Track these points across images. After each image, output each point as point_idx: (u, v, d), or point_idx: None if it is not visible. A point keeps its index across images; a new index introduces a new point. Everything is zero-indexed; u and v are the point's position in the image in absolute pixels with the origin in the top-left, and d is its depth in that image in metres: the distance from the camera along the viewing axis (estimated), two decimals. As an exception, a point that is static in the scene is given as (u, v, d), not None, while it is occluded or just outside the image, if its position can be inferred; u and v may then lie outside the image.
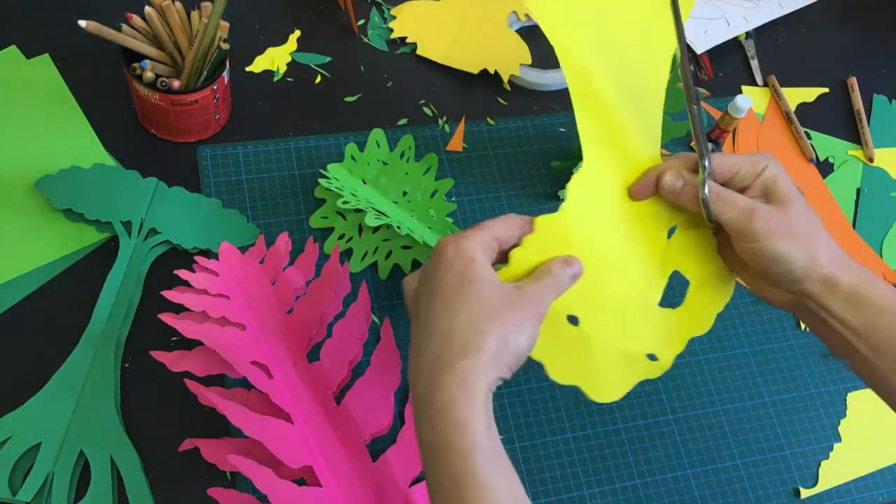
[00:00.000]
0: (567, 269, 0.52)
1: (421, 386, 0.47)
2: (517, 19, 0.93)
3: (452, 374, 0.46)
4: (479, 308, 0.47)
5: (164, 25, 0.73)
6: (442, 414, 0.45)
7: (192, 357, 0.64)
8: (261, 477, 0.57)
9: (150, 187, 0.73)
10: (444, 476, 0.45)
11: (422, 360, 0.48)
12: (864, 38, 1.02)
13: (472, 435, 0.44)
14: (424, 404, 0.47)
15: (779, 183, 0.54)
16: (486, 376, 0.46)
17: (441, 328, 0.48)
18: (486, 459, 0.44)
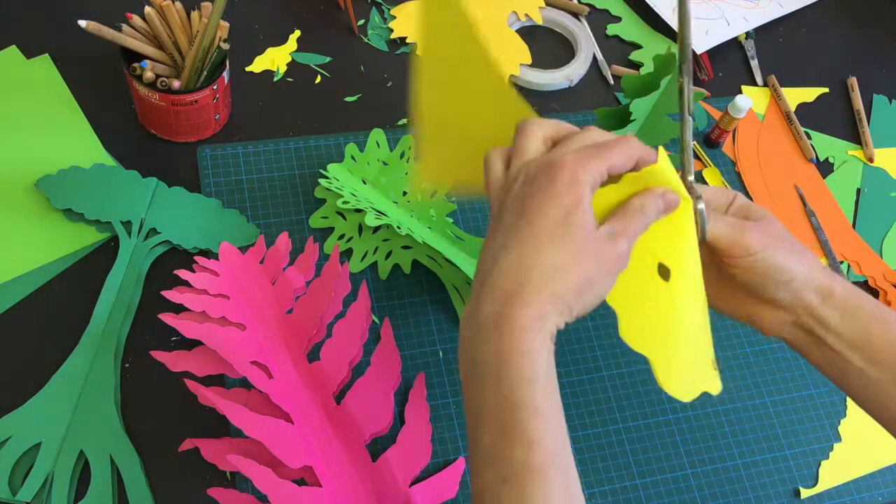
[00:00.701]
0: (661, 203, 0.49)
1: (491, 306, 0.45)
2: (517, 19, 0.93)
3: (529, 308, 0.44)
4: (571, 257, 0.45)
5: (164, 25, 0.73)
6: (512, 339, 0.44)
7: (192, 357, 0.64)
8: (261, 477, 0.57)
9: (149, 187, 0.73)
10: (499, 397, 0.43)
11: (498, 280, 0.45)
12: (864, 38, 1.02)
13: (539, 366, 0.44)
14: (492, 324, 0.44)
15: (752, 208, 0.53)
16: (557, 321, 0.45)
17: (526, 260, 0.45)
18: (546, 391, 0.43)
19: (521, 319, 0.44)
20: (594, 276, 0.46)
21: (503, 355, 0.44)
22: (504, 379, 0.43)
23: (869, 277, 0.82)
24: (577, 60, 0.91)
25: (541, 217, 0.45)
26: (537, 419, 0.43)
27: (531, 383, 0.43)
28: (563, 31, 0.94)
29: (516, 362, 0.43)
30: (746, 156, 0.88)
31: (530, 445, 0.42)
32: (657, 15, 0.95)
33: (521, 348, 0.43)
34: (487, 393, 0.44)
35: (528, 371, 0.43)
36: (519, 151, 0.49)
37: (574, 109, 0.87)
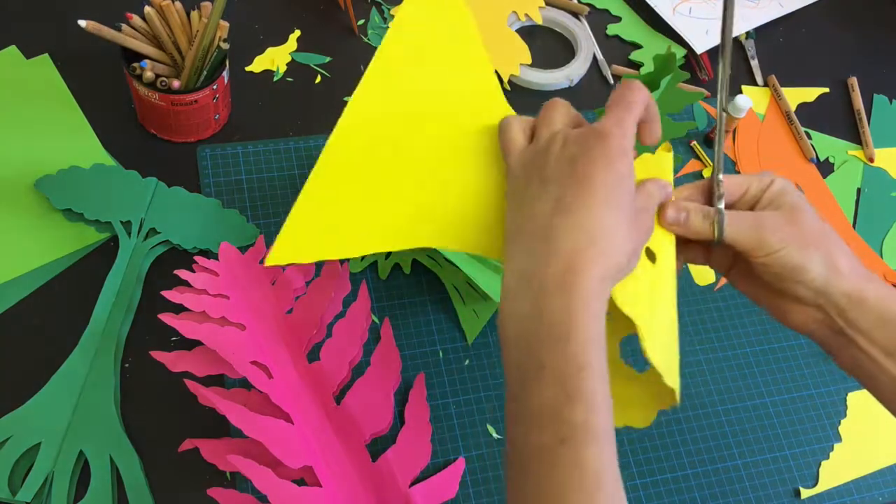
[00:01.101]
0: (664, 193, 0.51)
1: (557, 264, 0.45)
2: (517, 19, 0.92)
3: (596, 269, 0.44)
4: (626, 224, 0.46)
5: (164, 25, 0.73)
6: (581, 299, 0.43)
7: (192, 357, 0.64)
8: (261, 477, 0.57)
9: (149, 187, 0.73)
10: (565, 357, 0.43)
11: (562, 241, 0.45)
12: (865, 38, 1.01)
13: (603, 329, 0.44)
14: (559, 282, 0.44)
15: (786, 195, 0.52)
16: (612, 285, 0.46)
17: (589, 221, 0.45)
18: (603, 354, 0.44)
19: (590, 281, 0.44)
20: (638, 245, 0.47)
21: (573, 315, 0.43)
22: (572, 339, 0.43)
23: (869, 277, 0.82)
24: (578, 60, 0.91)
25: (599, 181, 0.46)
26: (601, 383, 0.43)
27: (598, 346, 0.43)
28: (563, 31, 0.94)
29: (584, 324, 0.43)
30: (746, 156, 0.88)
31: (592, 408, 0.42)
32: (657, 15, 0.95)
33: (590, 310, 0.43)
34: (552, 352, 0.43)
35: (595, 333, 0.43)
36: (548, 121, 0.51)
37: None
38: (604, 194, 0.46)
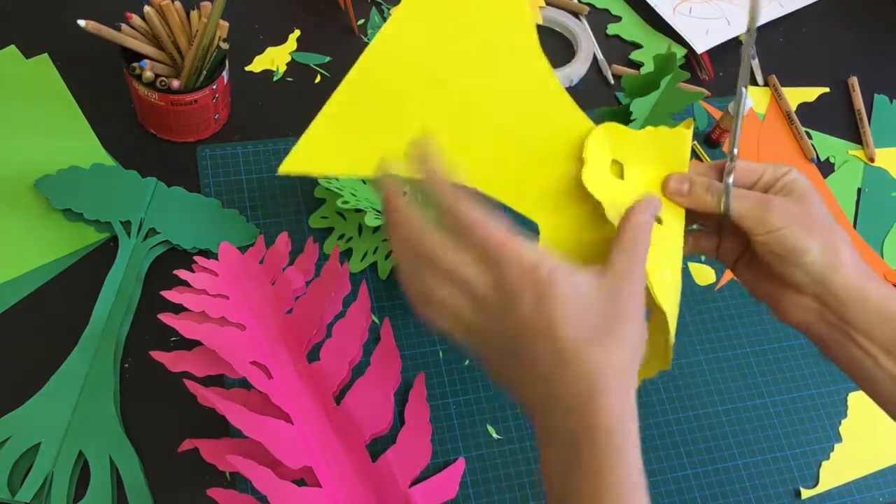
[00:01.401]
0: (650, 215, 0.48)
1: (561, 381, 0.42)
2: (517, 19, 0.92)
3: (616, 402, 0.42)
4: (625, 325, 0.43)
5: (164, 25, 0.73)
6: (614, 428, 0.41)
7: (192, 357, 0.64)
8: (260, 477, 0.57)
9: (149, 187, 0.73)
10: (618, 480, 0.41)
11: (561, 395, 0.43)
12: (865, 37, 1.01)
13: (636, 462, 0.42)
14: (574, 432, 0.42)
15: (799, 183, 0.52)
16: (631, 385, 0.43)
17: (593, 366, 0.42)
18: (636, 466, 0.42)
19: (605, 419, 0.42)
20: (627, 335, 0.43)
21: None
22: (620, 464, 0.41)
23: (869, 277, 0.82)
24: (578, 60, 0.90)
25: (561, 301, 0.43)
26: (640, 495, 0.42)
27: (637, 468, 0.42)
28: (563, 31, 0.94)
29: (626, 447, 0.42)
30: (747, 155, 0.88)
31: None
32: (657, 14, 0.95)
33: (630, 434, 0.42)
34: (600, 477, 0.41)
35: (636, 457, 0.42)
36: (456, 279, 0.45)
37: (574, 109, 0.87)
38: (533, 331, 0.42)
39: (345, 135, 0.52)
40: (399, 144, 0.48)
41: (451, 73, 0.52)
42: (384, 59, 0.51)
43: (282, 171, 0.50)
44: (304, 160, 0.51)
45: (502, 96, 0.53)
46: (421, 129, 0.51)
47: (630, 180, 0.54)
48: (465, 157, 0.51)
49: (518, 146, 0.53)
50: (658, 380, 0.72)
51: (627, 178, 0.54)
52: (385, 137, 0.51)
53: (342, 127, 0.52)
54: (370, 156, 0.49)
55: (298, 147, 0.51)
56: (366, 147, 0.51)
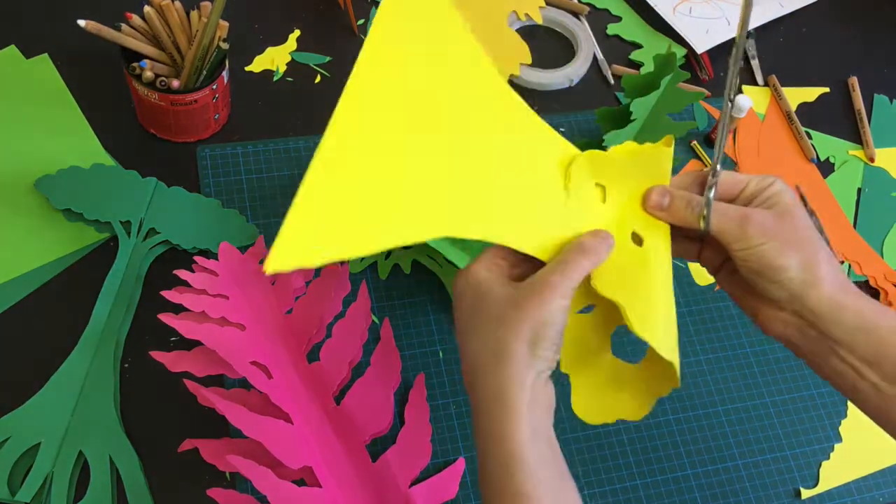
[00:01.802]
0: (599, 239, 0.51)
1: (475, 411, 0.49)
2: (517, 19, 0.92)
3: (485, 391, 0.47)
4: (490, 321, 0.48)
5: (164, 25, 0.73)
6: (482, 431, 0.47)
7: (192, 357, 0.64)
8: (260, 477, 0.57)
9: (149, 187, 0.73)
10: (488, 484, 0.46)
11: (471, 391, 0.49)
12: (865, 37, 1.01)
13: (511, 446, 0.45)
14: (473, 423, 0.48)
15: (783, 196, 0.52)
16: (520, 381, 0.46)
17: (469, 354, 0.49)
18: (526, 472, 0.45)
19: (486, 405, 0.47)
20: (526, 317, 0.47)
21: (482, 450, 0.48)
22: (487, 470, 0.47)
23: (870, 277, 0.82)
24: (578, 60, 0.90)
25: (463, 318, 0.50)
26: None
27: (505, 468, 0.46)
28: (563, 31, 0.94)
29: (492, 452, 0.47)
30: (747, 155, 0.88)
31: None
32: (658, 14, 0.95)
33: (493, 436, 0.47)
34: (483, 484, 0.47)
35: (503, 456, 0.46)
36: None
37: (574, 109, 0.87)
38: (468, 322, 0.49)
39: (330, 214, 0.45)
40: (394, 208, 0.46)
41: (427, 122, 0.48)
42: (356, 122, 0.46)
43: (268, 271, 0.43)
44: (293, 253, 0.44)
45: (485, 134, 0.51)
46: (412, 184, 0.47)
47: (611, 202, 0.54)
48: (466, 202, 0.49)
49: (510, 181, 0.51)
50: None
51: (609, 200, 0.54)
52: (374, 206, 0.46)
53: (325, 207, 0.45)
54: (366, 229, 0.45)
55: (282, 239, 0.44)
56: (356, 222, 0.45)
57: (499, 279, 0.50)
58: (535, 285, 0.48)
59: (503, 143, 0.52)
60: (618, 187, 0.54)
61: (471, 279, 0.50)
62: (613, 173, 0.54)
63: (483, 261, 0.51)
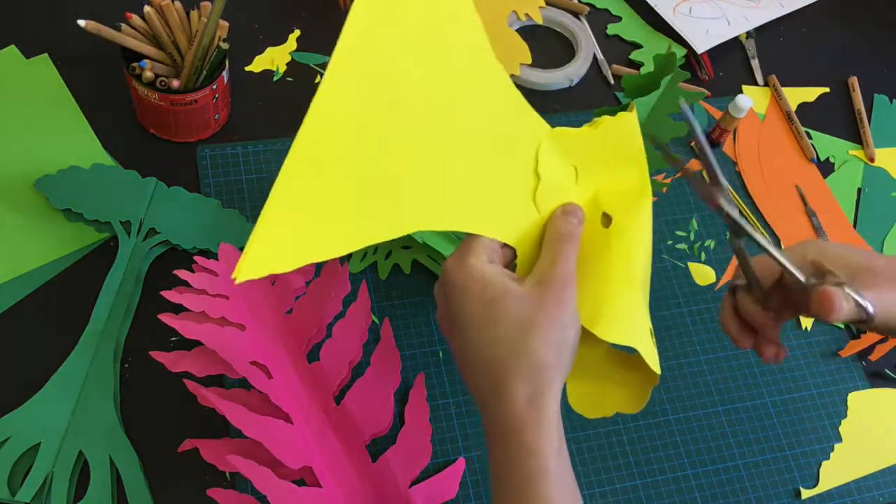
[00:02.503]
0: (572, 219, 0.50)
1: (486, 412, 0.47)
2: (517, 19, 0.92)
3: (516, 398, 0.45)
4: (514, 326, 0.45)
5: (164, 25, 0.73)
6: (512, 439, 0.45)
7: (192, 357, 0.64)
8: (260, 477, 0.57)
9: (149, 187, 0.73)
10: (512, 495, 0.45)
11: (481, 390, 0.47)
12: (865, 37, 1.01)
13: (543, 458, 0.44)
14: (494, 428, 0.46)
15: (845, 252, 0.50)
16: (554, 389, 0.45)
17: (485, 358, 0.46)
18: (554, 483, 0.44)
19: (516, 415, 0.45)
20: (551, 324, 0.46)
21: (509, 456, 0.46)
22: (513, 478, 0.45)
23: (869, 277, 0.82)
24: (578, 60, 0.90)
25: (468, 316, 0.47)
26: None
27: (537, 481, 0.45)
28: (563, 31, 0.94)
29: (522, 462, 0.45)
30: (747, 155, 0.88)
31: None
32: (658, 14, 0.95)
33: (525, 446, 0.45)
34: (501, 490, 0.46)
35: (535, 468, 0.45)
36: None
37: (574, 109, 0.87)
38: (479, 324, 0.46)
39: (303, 216, 0.43)
40: (369, 205, 0.44)
41: (406, 111, 0.46)
42: (330, 116, 0.43)
43: (239, 280, 0.41)
44: (264, 259, 0.42)
45: (467, 117, 0.49)
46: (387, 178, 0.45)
47: (584, 182, 0.53)
48: (441, 194, 0.47)
49: (490, 171, 0.50)
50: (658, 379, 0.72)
51: (581, 180, 0.53)
52: (347, 206, 0.44)
53: (297, 210, 0.43)
54: (341, 229, 0.44)
55: (253, 245, 0.41)
56: (329, 223, 0.44)
57: (506, 274, 0.47)
58: (551, 285, 0.46)
59: (479, 128, 0.49)
60: (588, 166, 0.53)
61: (474, 273, 0.46)
62: (581, 152, 0.52)
63: (482, 250, 0.47)
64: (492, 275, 0.46)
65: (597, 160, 0.53)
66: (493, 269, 0.47)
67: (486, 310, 0.46)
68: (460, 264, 0.47)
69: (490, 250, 0.48)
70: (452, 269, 0.47)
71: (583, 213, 0.51)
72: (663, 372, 0.72)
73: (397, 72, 0.45)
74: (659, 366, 0.51)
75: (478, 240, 0.48)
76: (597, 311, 0.49)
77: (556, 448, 0.44)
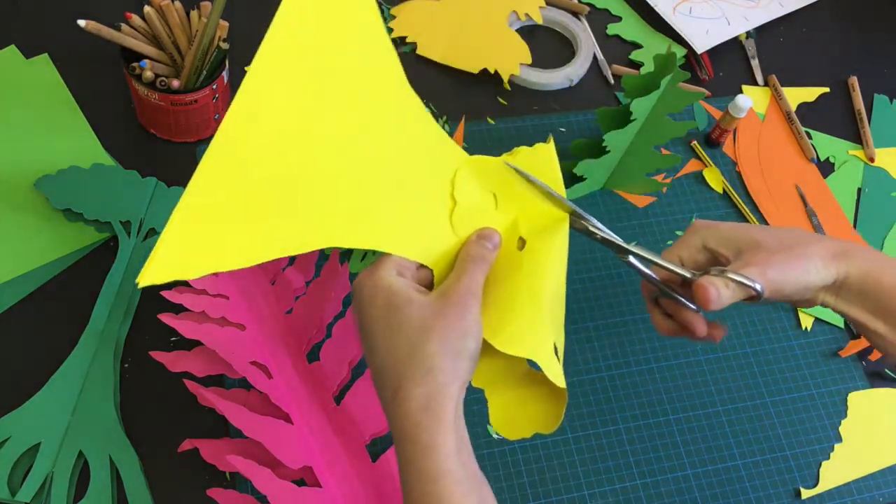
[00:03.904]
0: (486, 243, 0.52)
1: (388, 417, 0.48)
2: (517, 19, 0.92)
3: (411, 401, 0.46)
4: (413, 332, 0.47)
5: (164, 25, 0.73)
6: (409, 440, 0.46)
7: (192, 357, 0.64)
8: (260, 477, 0.57)
9: (149, 187, 0.73)
10: (415, 498, 0.45)
11: (383, 395, 0.48)
12: (865, 37, 1.01)
13: (440, 459, 0.45)
14: (394, 432, 0.47)
15: (730, 236, 0.53)
16: (449, 393, 0.46)
17: (387, 362, 0.48)
18: (454, 482, 0.45)
19: (412, 417, 0.46)
20: (449, 331, 0.47)
21: (407, 461, 0.46)
22: (415, 482, 0.46)
23: (869, 277, 0.82)
24: (578, 60, 0.90)
25: (372, 324, 0.49)
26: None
27: (436, 482, 0.45)
28: (563, 31, 0.94)
29: (420, 465, 0.46)
30: (747, 155, 0.88)
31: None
32: (658, 14, 0.95)
33: (421, 446, 0.46)
34: (407, 495, 0.46)
35: (433, 470, 0.45)
36: None
37: (574, 109, 0.87)
38: (382, 330, 0.48)
39: (213, 223, 0.42)
40: (280, 218, 0.45)
41: (323, 129, 0.47)
42: (245, 128, 0.44)
43: (142, 284, 0.40)
44: (171, 265, 0.41)
45: (384, 141, 0.50)
46: (299, 192, 0.46)
47: (504, 207, 0.55)
48: (355, 212, 0.49)
49: (407, 194, 0.51)
50: (658, 379, 0.72)
51: (501, 205, 0.55)
52: (262, 214, 0.44)
53: (207, 216, 0.42)
54: (250, 240, 0.44)
55: (160, 251, 0.40)
56: (242, 231, 0.43)
57: (413, 286, 0.49)
58: (452, 296, 0.48)
59: (396, 151, 0.51)
60: (506, 193, 0.55)
61: (381, 283, 0.49)
62: (499, 179, 0.54)
63: (391, 265, 0.50)
64: (398, 286, 0.49)
65: (514, 188, 0.55)
66: (400, 281, 0.49)
67: (389, 317, 0.48)
68: (370, 276, 0.49)
69: (400, 266, 0.50)
70: (362, 281, 0.50)
71: (499, 237, 0.53)
72: (664, 372, 0.72)
73: (317, 90, 0.47)
74: (563, 380, 0.51)
75: (389, 256, 0.50)
76: (500, 325, 0.50)
77: (453, 448, 0.45)
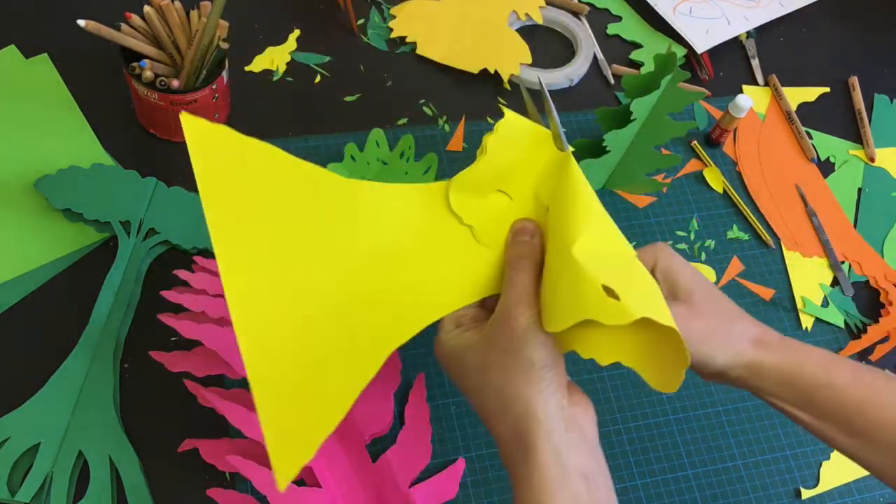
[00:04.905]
0: (522, 237, 0.53)
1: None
2: (517, 19, 0.92)
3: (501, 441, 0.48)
4: (476, 376, 0.49)
5: (164, 25, 0.73)
6: (511, 477, 0.48)
7: (192, 357, 0.64)
8: (260, 477, 0.57)
9: (149, 187, 0.73)
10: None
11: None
12: (865, 37, 1.01)
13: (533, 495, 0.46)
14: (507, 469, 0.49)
15: (678, 275, 0.53)
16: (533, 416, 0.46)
17: (480, 414, 0.50)
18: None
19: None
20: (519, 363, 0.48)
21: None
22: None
23: (870, 277, 0.82)
24: (578, 60, 0.90)
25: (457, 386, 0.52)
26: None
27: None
28: (563, 31, 0.94)
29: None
30: (747, 155, 0.88)
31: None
32: (658, 14, 0.95)
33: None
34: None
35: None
36: None
37: (574, 109, 0.87)
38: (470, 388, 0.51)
39: (294, 400, 0.45)
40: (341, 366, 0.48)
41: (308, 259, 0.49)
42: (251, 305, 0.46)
43: (283, 487, 0.42)
44: (290, 459, 0.43)
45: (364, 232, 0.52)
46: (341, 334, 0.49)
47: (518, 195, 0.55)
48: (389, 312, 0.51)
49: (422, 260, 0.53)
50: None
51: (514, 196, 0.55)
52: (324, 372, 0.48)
53: (285, 398, 0.45)
54: (332, 397, 0.47)
55: (273, 455, 0.42)
56: (322, 396, 0.47)
57: (463, 335, 0.51)
58: (496, 320, 0.49)
59: (383, 230, 0.52)
60: (509, 181, 0.55)
61: (442, 349, 0.52)
62: (492, 176, 0.54)
63: (448, 325, 0.52)
64: (452, 344, 0.51)
65: (511, 171, 0.54)
66: (454, 339, 0.51)
67: (460, 374, 0.51)
68: (436, 346, 0.53)
69: (457, 319, 0.53)
70: (435, 353, 0.53)
71: (532, 223, 0.53)
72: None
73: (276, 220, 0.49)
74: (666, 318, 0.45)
75: (442, 318, 0.53)
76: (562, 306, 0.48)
77: (546, 475, 0.45)
